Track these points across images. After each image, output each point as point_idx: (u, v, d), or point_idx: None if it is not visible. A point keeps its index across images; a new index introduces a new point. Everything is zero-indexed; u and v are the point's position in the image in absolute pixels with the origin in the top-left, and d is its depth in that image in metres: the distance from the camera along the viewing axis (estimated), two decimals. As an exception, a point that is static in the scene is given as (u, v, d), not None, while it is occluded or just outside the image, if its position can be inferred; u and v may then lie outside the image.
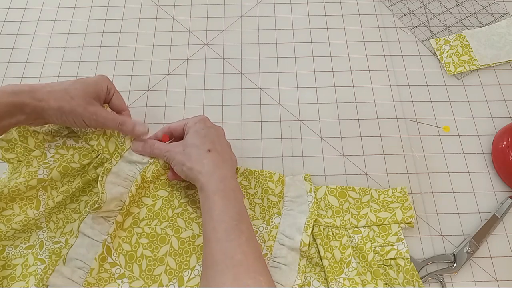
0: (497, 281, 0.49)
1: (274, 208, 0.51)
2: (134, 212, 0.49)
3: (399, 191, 0.52)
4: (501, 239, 0.51)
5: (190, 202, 0.51)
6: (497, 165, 0.55)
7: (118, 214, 0.48)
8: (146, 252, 0.47)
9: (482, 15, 0.67)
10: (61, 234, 0.49)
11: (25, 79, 0.61)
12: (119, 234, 0.48)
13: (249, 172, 0.53)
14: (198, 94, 0.60)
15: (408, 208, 0.50)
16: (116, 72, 0.62)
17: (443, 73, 0.62)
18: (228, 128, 0.57)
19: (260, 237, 0.49)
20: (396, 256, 0.48)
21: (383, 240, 0.49)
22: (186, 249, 0.48)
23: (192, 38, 0.65)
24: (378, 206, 0.51)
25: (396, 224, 0.50)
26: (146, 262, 0.47)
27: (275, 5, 0.68)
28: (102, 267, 0.46)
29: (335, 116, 0.59)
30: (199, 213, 0.50)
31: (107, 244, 0.46)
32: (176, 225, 0.49)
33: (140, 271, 0.46)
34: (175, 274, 0.47)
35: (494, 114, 0.59)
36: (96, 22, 0.67)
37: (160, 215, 0.49)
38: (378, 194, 0.52)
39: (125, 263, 0.47)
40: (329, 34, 0.65)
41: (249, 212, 0.50)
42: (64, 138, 0.52)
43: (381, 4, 0.68)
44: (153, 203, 0.50)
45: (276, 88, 0.61)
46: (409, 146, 0.57)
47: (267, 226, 0.50)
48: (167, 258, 0.47)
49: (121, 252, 0.47)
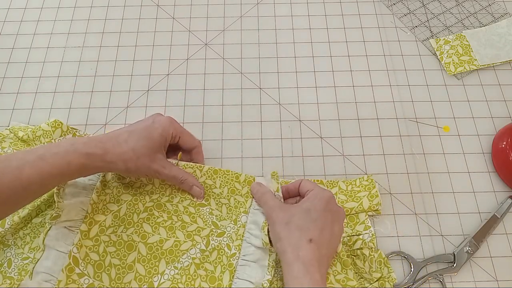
0: (497, 281, 0.49)
1: (241, 207, 0.51)
2: (100, 220, 0.49)
3: (366, 179, 0.52)
4: (501, 239, 0.51)
5: (156, 206, 0.50)
6: (497, 165, 0.55)
7: (82, 223, 0.47)
8: (114, 260, 0.47)
9: (482, 15, 0.67)
10: (29, 249, 0.48)
11: (25, 79, 0.61)
12: (85, 243, 0.47)
13: (214, 171, 0.52)
14: (198, 94, 0.60)
15: (374, 195, 0.51)
16: (116, 72, 0.62)
17: (443, 73, 0.62)
18: (228, 128, 0.58)
19: (228, 237, 0.49)
20: (362, 246, 0.48)
21: (351, 230, 0.50)
22: (154, 254, 0.48)
23: (192, 38, 0.65)
24: (345, 197, 0.51)
25: (363, 213, 0.50)
26: (115, 270, 0.46)
27: (275, 5, 0.68)
28: (70, 279, 0.45)
29: (335, 116, 0.59)
30: (166, 217, 0.50)
31: (73, 255, 0.45)
32: (142, 231, 0.49)
33: (110, 280, 0.46)
34: (145, 280, 0.46)
35: (494, 114, 0.59)
36: (96, 22, 0.67)
37: (126, 221, 0.49)
38: (346, 185, 0.53)
39: (94, 273, 0.46)
40: (329, 34, 0.65)
41: (216, 212, 0.51)
42: None
43: (381, 4, 0.68)
44: (118, 208, 0.50)
45: (276, 88, 0.61)
46: (409, 146, 0.57)
47: (234, 226, 0.50)
48: (136, 265, 0.47)
49: (88, 262, 0.46)
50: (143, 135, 0.47)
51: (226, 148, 0.56)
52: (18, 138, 0.55)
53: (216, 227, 0.50)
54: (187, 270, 0.47)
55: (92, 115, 0.59)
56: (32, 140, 0.54)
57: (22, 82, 0.61)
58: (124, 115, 0.59)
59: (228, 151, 0.56)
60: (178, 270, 0.47)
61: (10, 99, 0.60)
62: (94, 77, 0.62)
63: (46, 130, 0.54)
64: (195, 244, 0.48)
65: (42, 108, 0.59)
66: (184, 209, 0.51)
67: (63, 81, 0.61)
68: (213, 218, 0.50)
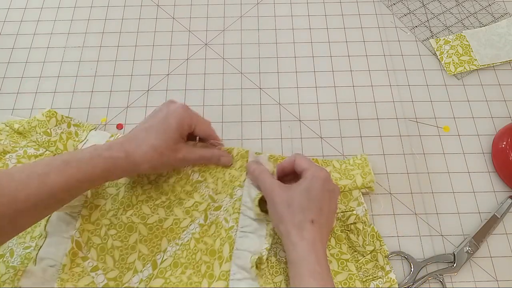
0: (497, 281, 0.49)
1: (236, 181, 0.51)
2: (100, 204, 0.50)
3: (359, 158, 0.53)
4: (501, 239, 0.51)
5: (154, 188, 0.51)
6: (497, 165, 0.55)
7: (83, 208, 0.49)
8: (116, 242, 0.48)
9: (482, 15, 0.67)
10: (31, 238, 0.48)
11: (25, 79, 0.61)
12: (87, 228, 0.48)
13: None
14: (198, 94, 0.60)
15: (367, 173, 0.52)
16: (116, 72, 0.62)
17: (443, 73, 0.62)
18: (228, 128, 0.58)
19: (225, 211, 0.50)
20: (355, 221, 0.50)
21: (345, 206, 0.51)
22: (155, 233, 0.49)
23: (192, 38, 0.65)
24: (339, 175, 0.52)
25: (356, 190, 0.51)
26: (118, 252, 0.48)
27: (275, 5, 0.68)
28: (74, 262, 0.46)
29: (335, 116, 0.59)
30: (164, 198, 0.51)
31: (76, 239, 0.47)
32: (141, 213, 0.49)
33: (114, 262, 0.47)
34: (148, 259, 0.47)
35: (494, 114, 0.59)
36: (96, 22, 0.67)
37: (125, 204, 0.50)
38: (340, 164, 0.54)
39: (97, 256, 0.47)
40: (329, 34, 0.65)
41: (211, 185, 0.51)
42: (24, 148, 0.53)
43: (381, 4, 0.68)
44: (117, 192, 0.51)
45: (276, 88, 0.61)
46: (409, 146, 0.57)
47: (230, 200, 0.50)
48: (138, 245, 0.48)
49: (91, 245, 0.48)
50: (160, 130, 0.46)
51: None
52: (14, 131, 0.55)
53: (213, 201, 0.51)
54: (187, 245, 0.48)
55: (92, 115, 0.59)
56: (28, 131, 0.54)
57: (22, 82, 0.61)
58: (124, 115, 0.59)
59: (228, 151, 0.56)
60: (179, 246, 0.48)
61: (10, 99, 0.60)
62: (94, 77, 0.62)
63: (41, 120, 0.54)
64: (194, 220, 0.49)
65: (42, 108, 0.59)
66: (181, 188, 0.51)
67: (63, 81, 0.61)
68: (209, 191, 0.51)
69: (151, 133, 0.46)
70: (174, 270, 0.47)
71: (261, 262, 0.46)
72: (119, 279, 0.47)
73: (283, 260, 0.48)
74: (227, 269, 0.46)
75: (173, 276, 0.46)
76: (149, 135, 0.46)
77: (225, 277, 0.46)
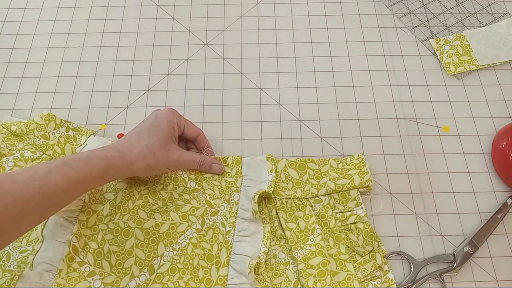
0: (497, 281, 0.49)
1: (232, 187, 0.52)
2: (98, 210, 0.50)
3: (356, 158, 0.53)
4: (501, 239, 0.51)
5: (151, 194, 0.51)
6: (497, 165, 0.55)
7: (80, 213, 0.49)
8: (113, 247, 0.48)
9: (482, 15, 0.67)
10: (27, 242, 0.48)
11: (25, 79, 0.61)
12: (84, 232, 0.48)
13: None
14: (198, 94, 0.60)
15: (365, 172, 0.51)
16: (116, 72, 0.62)
17: (443, 73, 0.62)
18: (228, 128, 0.58)
19: (222, 215, 0.50)
20: (356, 221, 0.50)
21: (343, 206, 0.51)
22: (152, 238, 0.48)
23: (192, 38, 0.65)
24: (337, 174, 0.52)
25: (354, 189, 0.51)
26: (115, 257, 0.47)
27: (275, 5, 0.68)
28: (70, 267, 0.46)
29: (335, 116, 0.59)
30: (161, 204, 0.50)
31: (73, 244, 0.47)
32: (137, 217, 0.49)
33: (110, 266, 0.47)
34: (145, 264, 0.47)
35: (494, 114, 0.59)
36: (96, 22, 0.67)
37: (121, 208, 0.50)
38: (337, 163, 0.54)
39: (94, 261, 0.47)
40: (329, 34, 0.65)
41: (208, 192, 0.52)
42: (21, 151, 0.53)
43: (381, 4, 0.68)
44: (114, 197, 0.51)
45: (276, 88, 0.61)
46: (409, 146, 0.57)
47: (227, 205, 0.51)
48: (135, 250, 0.48)
49: (88, 250, 0.47)
50: (151, 130, 0.49)
51: (226, 148, 0.56)
52: (11, 133, 0.55)
53: (210, 206, 0.51)
54: (184, 250, 0.48)
55: (92, 115, 0.59)
56: (25, 134, 0.54)
57: (22, 82, 0.61)
58: (124, 115, 0.59)
59: (228, 151, 0.56)
60: (176, 251, 0.48)
61: (10, 99, 0.60)
62: (94, 77, 0.62)
63: (40, 124, 0.54)
64: (190, 225, 0.49)
65: (42, 108, 0.59)
66: (178, 196, 0.51)
67: (63, 81, 0.61)
68: (206, 197, 0.51)
69: (143, 134, 0.49)
70: (172, 276, 0.46)
71: (259, 267, 0.46)
72: (116, 284, 0.46)
73: (282, 262, 0.48)
74: (224, 274, 0.47)
75: (170, 282, 0.46)
76: (141, 137, 0.48)
77: (222, 282, 0.46)
